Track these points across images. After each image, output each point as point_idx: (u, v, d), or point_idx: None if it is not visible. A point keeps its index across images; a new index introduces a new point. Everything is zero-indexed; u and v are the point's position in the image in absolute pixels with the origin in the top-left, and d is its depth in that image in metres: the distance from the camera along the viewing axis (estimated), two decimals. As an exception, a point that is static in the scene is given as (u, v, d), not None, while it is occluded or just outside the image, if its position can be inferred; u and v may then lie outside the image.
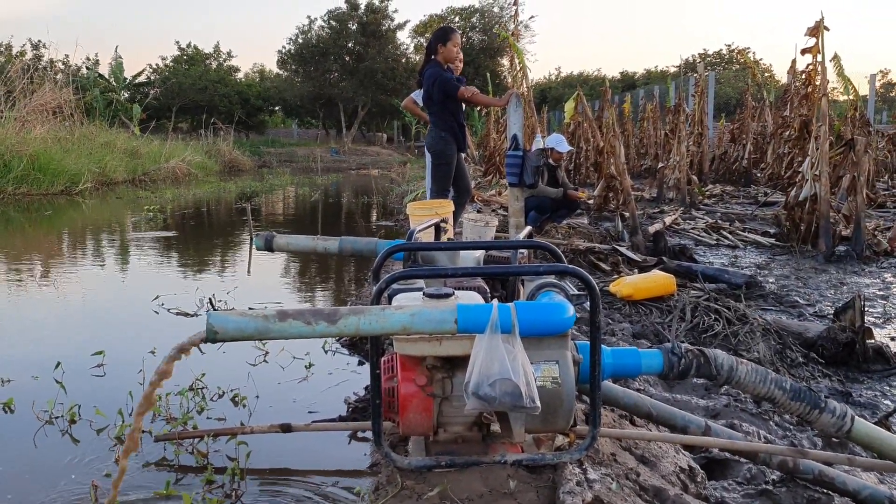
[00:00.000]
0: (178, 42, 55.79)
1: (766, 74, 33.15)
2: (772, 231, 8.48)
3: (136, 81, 36.32)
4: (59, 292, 5.46)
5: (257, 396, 3.12)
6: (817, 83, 8.09)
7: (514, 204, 5.34)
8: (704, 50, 51.04)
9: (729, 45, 50.13)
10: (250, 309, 1.81)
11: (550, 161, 7.58)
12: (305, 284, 6.25)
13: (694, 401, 3.18)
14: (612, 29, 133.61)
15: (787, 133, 12.15)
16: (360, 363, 3.75)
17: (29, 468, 2.51)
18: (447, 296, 1.97)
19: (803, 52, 7.66)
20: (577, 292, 2.05)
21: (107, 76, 32.88)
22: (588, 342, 2.04)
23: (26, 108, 16.55)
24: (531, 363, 1.78)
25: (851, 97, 8.29)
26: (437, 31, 6.08)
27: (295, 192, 17.46)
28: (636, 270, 5.66)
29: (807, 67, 8.71)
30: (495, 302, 1.76)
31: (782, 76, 25.97)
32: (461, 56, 6.45)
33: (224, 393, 3.18)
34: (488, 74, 19.58)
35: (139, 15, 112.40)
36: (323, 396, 3.21)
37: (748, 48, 47.70)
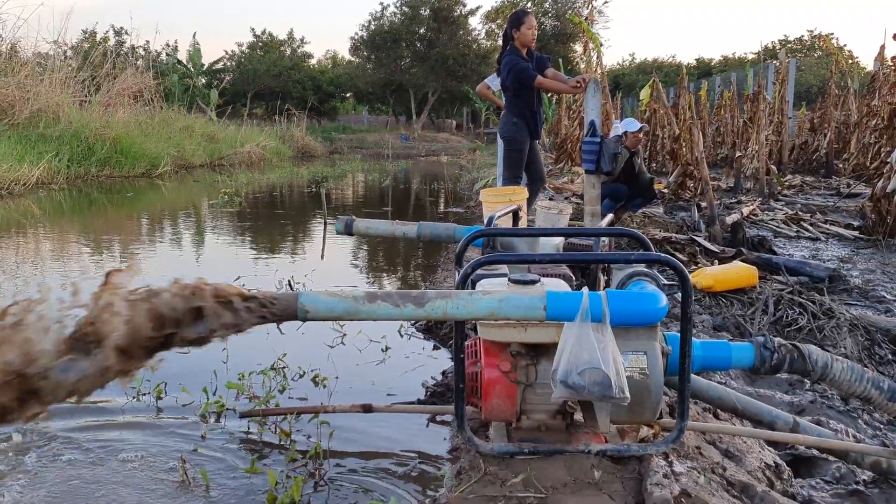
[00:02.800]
0: (252, 29, 56.74)
1: (851, 62, 31.90)
2: (856, 223, 8.16)
3: (214, 68, 37.13)
4: (143, 273, 5.63)
5: (336, 377, 3.16)
6: (910, 70, 7.76)
7: (591, 192, 5.23)
8: (785, 36, 49.31)
9: (811, 31, 48.36)
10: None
11: (626, 147, 7.45)
12: (378, 270, 6.30)
13: (777, 396, 3.09)
14: (687, 14, 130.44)
15: (875, 122, 11.70)
16: (436, 348, 3.77)
17: (118, 441, 2.59)
18: (533, 282, 1.96)
19: (895, 36, 7.34)
20: (667, 282, 2.01)
21: (185, 62, 33.69)
22: (674, 333, 2.00)
23: (109, 93, 17.08)
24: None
25: (945, 84, 7.91)
26: (511, 17, 6.04)
27: (365, 178, 17.61)
28: (714, 261, 5.53)
29: (898, 53, 8.34)
30: (586, 289, 1.74)
31: (868, 63, 25.00)
32: None
33: (305, 373, 3.24)
34: (560, 60, 19.35)
35: (218, 1, 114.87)
36: (401, 379, 3.24)
37: (832, 34, 45.83)
